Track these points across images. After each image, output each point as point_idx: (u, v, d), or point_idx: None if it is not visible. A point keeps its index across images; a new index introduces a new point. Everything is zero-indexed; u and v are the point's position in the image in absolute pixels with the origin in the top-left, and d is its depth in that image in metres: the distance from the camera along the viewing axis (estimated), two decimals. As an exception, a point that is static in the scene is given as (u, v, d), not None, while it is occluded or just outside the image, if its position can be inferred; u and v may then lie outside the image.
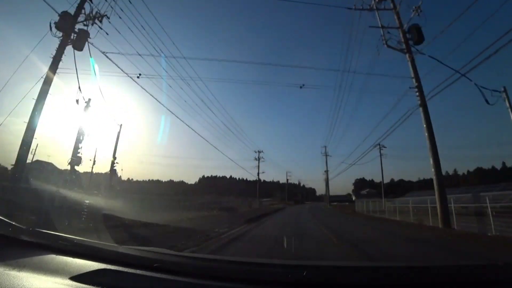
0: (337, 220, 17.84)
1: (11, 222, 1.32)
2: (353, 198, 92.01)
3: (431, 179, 12.29)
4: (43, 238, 1.38)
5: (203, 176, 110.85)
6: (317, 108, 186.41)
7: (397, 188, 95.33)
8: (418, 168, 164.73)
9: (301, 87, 18.46)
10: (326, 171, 55.16)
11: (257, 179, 45.37)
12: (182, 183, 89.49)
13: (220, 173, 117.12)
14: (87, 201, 9.21)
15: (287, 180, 72.52)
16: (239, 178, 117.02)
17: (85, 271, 1.11)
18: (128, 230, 8.13)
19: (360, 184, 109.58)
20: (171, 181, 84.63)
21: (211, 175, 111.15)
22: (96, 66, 11.95)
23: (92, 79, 12.41)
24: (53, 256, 1.24)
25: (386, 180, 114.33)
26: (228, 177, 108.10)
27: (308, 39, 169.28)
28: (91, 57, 11.20)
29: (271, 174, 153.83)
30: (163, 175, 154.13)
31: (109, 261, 1.22)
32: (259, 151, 45.50)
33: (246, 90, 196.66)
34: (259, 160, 44.78)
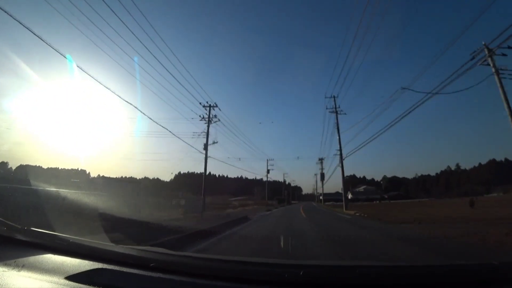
0: None
1: (6, 222, 1.49)
2: (350, 196, 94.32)
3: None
4: (39, 237, 1.55)
5: (179, 173, 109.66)
6: (308, 97, 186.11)
7: (399, 186, 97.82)
8: (411, 165, 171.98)
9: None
10: (338, 136, 29.13)
11: (205, 158, 26.80)
12: (157, 180, 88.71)
13: (198, 170, 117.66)
14: None
15: (268, 170, 56.86)
16: (218, 175, 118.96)
17: (81, 271, 1.28)
18: None
19: (351, 181, 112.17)
20: (146, 178, 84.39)
21: (188, 172, 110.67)
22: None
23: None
24: (49, 255, 1.42)
25: (378, 177, 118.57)
26: (207, 174, 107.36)
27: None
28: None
29: (255, 172, 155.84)
30: (140, 173, 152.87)
31: (105, 261, 1.40)
32: (210, 105, 25.79)
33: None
34: (209, 123, 25.99)
